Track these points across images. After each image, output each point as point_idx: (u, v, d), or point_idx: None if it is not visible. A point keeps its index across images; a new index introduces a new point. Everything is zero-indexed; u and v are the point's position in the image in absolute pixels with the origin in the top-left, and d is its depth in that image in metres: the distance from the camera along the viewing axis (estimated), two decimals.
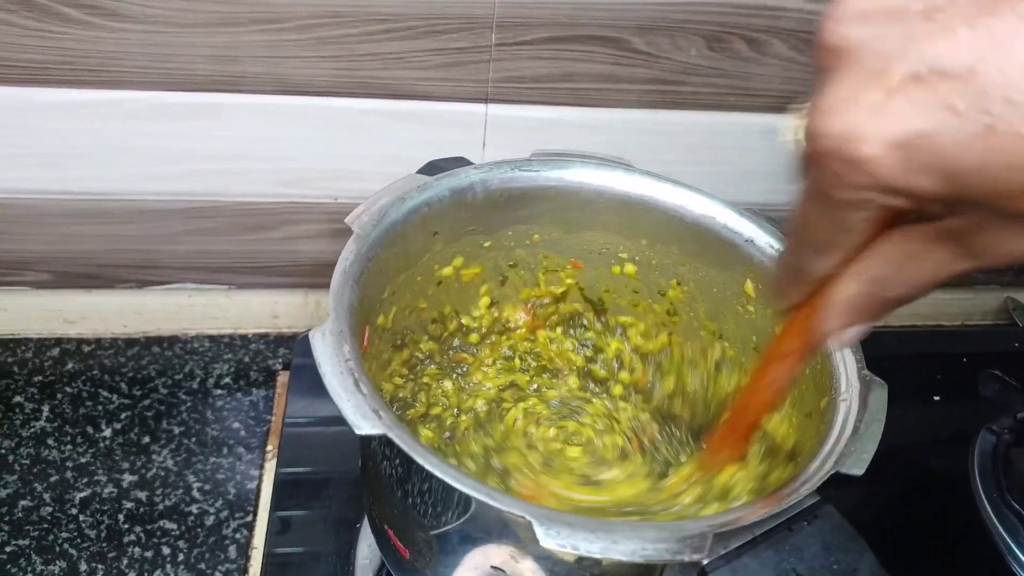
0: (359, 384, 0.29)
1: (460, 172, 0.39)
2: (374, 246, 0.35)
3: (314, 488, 0.48)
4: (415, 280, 0.40)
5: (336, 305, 0.31)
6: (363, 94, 0.47)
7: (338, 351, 0.29)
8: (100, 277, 0.54)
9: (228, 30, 0.44)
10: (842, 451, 0.30)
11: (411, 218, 0.37)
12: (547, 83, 0.49)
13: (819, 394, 0.35)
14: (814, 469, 0.29)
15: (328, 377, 0.29)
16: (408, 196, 0.37)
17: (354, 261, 0.34)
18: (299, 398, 0.53)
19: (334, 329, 0.30)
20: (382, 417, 0.28)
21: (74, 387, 0.53)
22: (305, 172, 0.51)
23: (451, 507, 0.30)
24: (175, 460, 0.50)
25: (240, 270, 0.55)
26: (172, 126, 0.47)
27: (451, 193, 0.39)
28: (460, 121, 0.50)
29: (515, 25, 0.46)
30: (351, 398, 0.28)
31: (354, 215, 0.35)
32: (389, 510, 0.35)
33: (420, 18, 0.45)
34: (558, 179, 0.41)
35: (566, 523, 0.25)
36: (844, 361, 0.34)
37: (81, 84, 0.45)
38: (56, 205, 0.50)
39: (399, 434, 0.27)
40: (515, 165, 0.40)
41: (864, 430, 0.30)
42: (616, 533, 0.25)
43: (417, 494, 0.31)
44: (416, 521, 0.32)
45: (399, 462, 0.31)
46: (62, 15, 0.42)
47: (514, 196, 0.40)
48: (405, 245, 0.38)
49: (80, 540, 0.46)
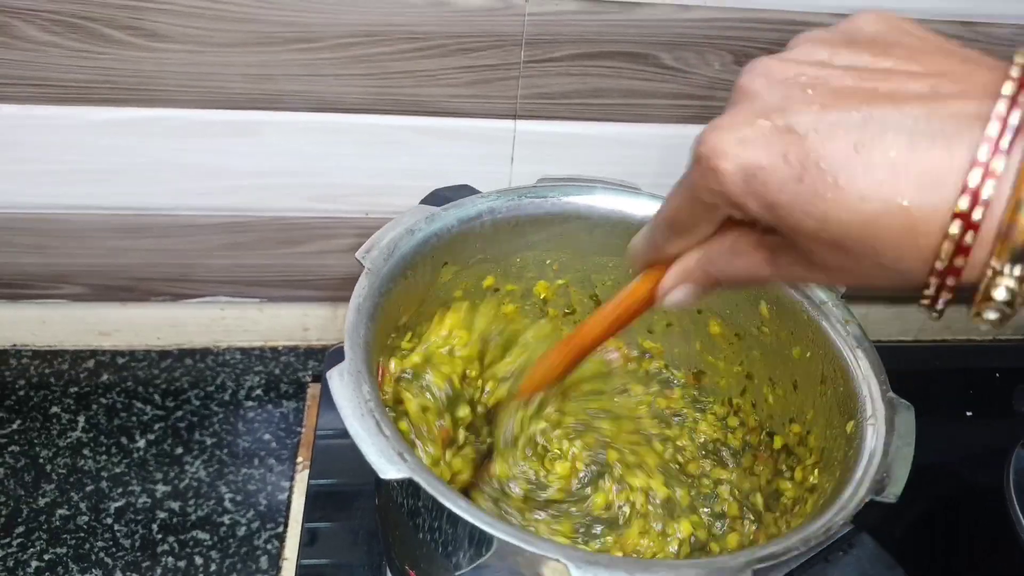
0: (381, 426, 0.28)
1: (467, 202, 0.39)
2: (385, 281, 0.35)
3: (345, 500, 0.48)
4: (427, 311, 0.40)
5: (352, 344, 0.31)
6: (395, 111, 0.48)
7: (357, 392, 0.29)
8: (136, 290, 0.55)
9: (265, 50, 0.45)
10: (873, 477, 0.29)
11: (421, 250, 0.37)
12: (575, 99, 0.49)
13: (844, 416, 0.35)
14: (848, 496, 0.29)
15: (349, 420, 0.28)
16: (417, 228, 0.37)
17: (367, 297, 0.34)
18: (330, 410, 0.53)
19: (351, 369, 0.30)
20: (407, 460, 0.27)
21: (109, 398, 0.54)
22: (337, 187, 0.51)
23: (480, 549, 0.29)
24: (207, 471, 0.51)
25: (272, 283, 0.56)
26: (211, 143, 0.48)
27: (459, 223, 0.39)
28: (489, 137, 0.50)
29: (544, 42, 0.47)
30: (375, 441, 0.27)
31: (363, 250, 0.36)
32: (412, 552, 0.34)
33: (451, 36, 0.46)
34: (565, 204, 0.41)
35: (602, 564, 0.25)
36: (868, 384, 0.34)
37: (123, 103, 0.46)
38: (97, 220, 0.51)
39: (426, 478, 0.27)
40: (522, 192, 0.40)
41: (895, 454, 0.30)
42: (653, 572, 0.25)
43: (443, 537, 0.30)
44: (442, 565, 0.31)
45: (423, 505, 0.31)
46: (105, 36, 0.44)
47: (521, 223, 0.40)
48: (415, 277, 0.38)
49: (115, 549, 0.46)
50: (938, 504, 0.52)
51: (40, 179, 0.49)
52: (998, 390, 0.55)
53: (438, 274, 0.39)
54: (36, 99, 0.46)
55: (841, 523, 0.28)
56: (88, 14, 0.43)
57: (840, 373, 0.36)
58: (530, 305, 0.45)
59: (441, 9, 0.44)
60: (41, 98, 0.46)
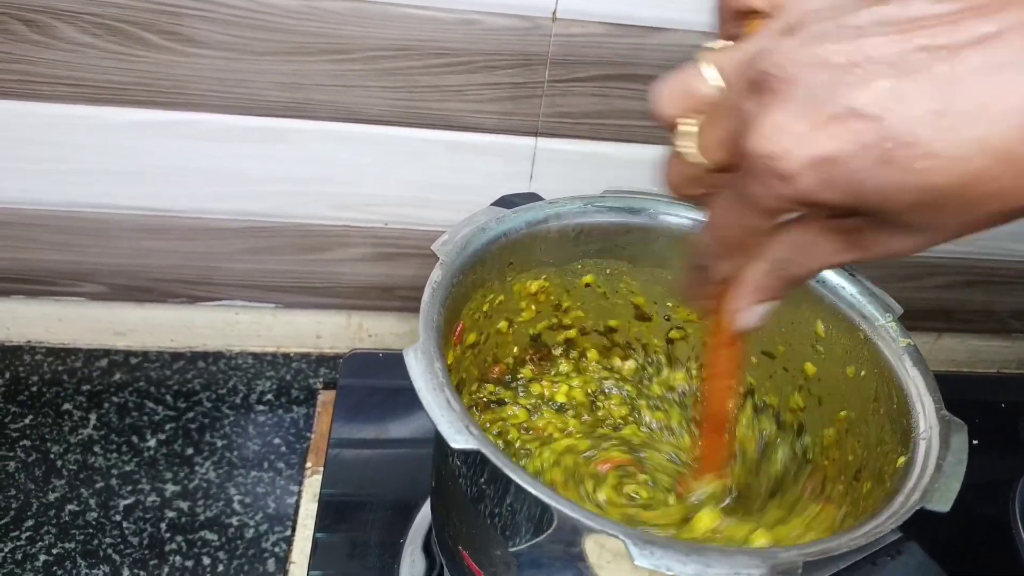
0: (451, 401, 0.30)
1: (536, 206, 0.41)
2: (457, 272, 0.37)
3: (355, 510, 0.48)
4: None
5: (426, 326, 0.33)
6: (419, 124, 0.50)
7: (430, 368, 0.31)
8: (154, 291, 0.56)
9: (298, 59, 0.46)
10: (926, 487, 0.30)
11: (490, 248, 0.39)
12: (596, 119, 0.51)
13: (896, 433, 0.35)
14: (899, 504, 0.30)
15: (423, 393, 0.30)
16: (488, 227, 0.39)
17: (440, 284, 0.35)
18: (344, 419, 0.53)
19: (425, 348, 0.31)
20: (474, 433, 0.28)
21: (121, 397, 0.55)
22: (360, 197, 0.52)
23: (538, 525, 0.30)
24: (217, 472, 0.51)
25: (288, 289, 0.57)
26: (240, 148, 0.49)
27: (527, 226, 0.40)
28: (510, 153, 0.51)
29: (569, 63, 0.48)
30: (446, 414, 0.29)
31: (439, 243, 0.37)
32: (465, 530, 0.35)
33: (480, 53, 0.47)
34: (629, 216, 0.42)
35: (660, 545, 0.25)
36: (922, 401, 0.35)
37: (156, 105, 0.47)
38: (124, 220, 0.52)
39: (492, 450, 0.28)
40: (588, 201, 0.42)
41: (948, 469, 0.31)
42: (708, 556, 0.25)
43: (501, 512, 0.31)
44: (496, 540, 0.32)
45: (484, 479, 0.32)
46: (143, 40, 0.45)
47: (584, 231, 0.42)
48: (483, 272, 0.39)
49: (123, 546, 0.46)
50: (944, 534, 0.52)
51: (69, 177, 0.50)
52: (1003, 421, 0.56)
53: (502, 272, 0.41)
54: (71, 98, 0.47)
55: (892, 527, 0.28)
56: (129, 18, 0.44)
57: (894, 390, 0.36)
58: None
59: (471, 27, 0.46)
60: (76, 97, 0.47)
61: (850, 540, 0.27)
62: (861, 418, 0.39)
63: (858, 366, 0.39)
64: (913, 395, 0.35)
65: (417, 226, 0.54)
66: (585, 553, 0.28)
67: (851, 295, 0.39)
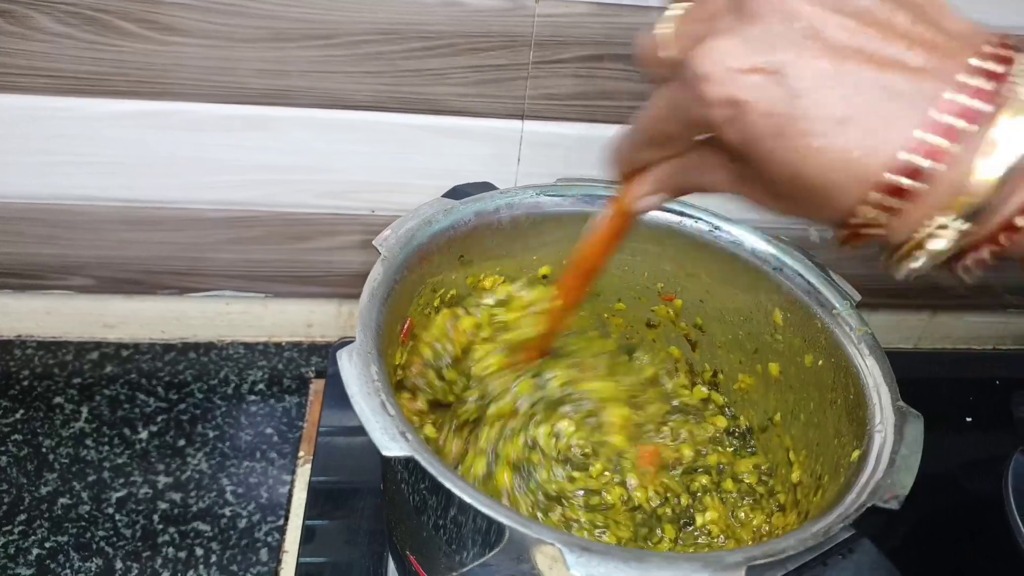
0: (386, 405, 0.29)
1: (486, 196, 0.39)
2: (400, 268, 0.36)
3: (347, 497, 0.48)
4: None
5: (364, 326, 0.32)
6: (404, 109, 0.49)
7: (365, 371, 0.29)
8: (143, 283, 0.56)
9: (279, 45, 0.45)
10: (878, 483, 0.29)
11: (437, 241, 0.38)
12: (582, 100, 0.50)
13: (852, 424, 0.35)
14: (850, 502, 0.29)
15: (356, 398, 0.29)
16: (434, 220, 0.38)
17: (381, 283, 0.34)
18: (333, 408, 0.53)
19: (361, 350, 0.30)
20: (409, 439, 0.27)
21: (112, 390, 0.55)
22: (346, 184, 0.52)
23: (478, 532, 0.29)
24: (209, 463, 0.51)
25: (277, 279, 0.57)
26: (223, 137, 0.49)
27: (476, 217, 0.39)
28: (496, 136, 0.51)
29: (553, 43, 0.47)
30: (379, 419, 0.28)
31: (381, 237, 0.36)
32: (411, 535, 0.35)
33: (462, 36, 0.46)
34: (584, 204, 0.41)
35: (598, 552, 0.25)
36: (879, 391, 0.34)
37: (136, 95, 0.47)
38: (109, 211, 0.51)
39: (426, 457, 0.27)
40: (541, 190, 0.41)
41: (901, 463, 0.30)
42: (649, 563, 0.25)
43: (442, 519, 0.31)
44: (440, 547, 0.32)
45: (424, 486, 0.31)
46: (120, 29, 0.44)
47: (538, 221, 0.41)
48: (431, 267, 0.38)
49: (116, 539, 0.46)
50: (937, 510, 0.52)
51: (53, 170, 0.49)
52: (998, 397, 0.56)
53: (452, 267, 0.40)
54: (50, 90, 0.46)
55: (841, 527, 0.27)
56: (104, 7, 0.43)
57: (851, 380, 0.36)
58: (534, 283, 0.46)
59: (453, 9, 0.45)
60: (55, 89, 0.46)
61: (798, 541, 0.27)
62: (819, 409, 0.38)
63: (816, 355, 0.39)
64: (870, 385, 0.34)
65: (405, 212, 0.54)
66: (533, 561, 0.27)
67: (808, 282, 0.39)
